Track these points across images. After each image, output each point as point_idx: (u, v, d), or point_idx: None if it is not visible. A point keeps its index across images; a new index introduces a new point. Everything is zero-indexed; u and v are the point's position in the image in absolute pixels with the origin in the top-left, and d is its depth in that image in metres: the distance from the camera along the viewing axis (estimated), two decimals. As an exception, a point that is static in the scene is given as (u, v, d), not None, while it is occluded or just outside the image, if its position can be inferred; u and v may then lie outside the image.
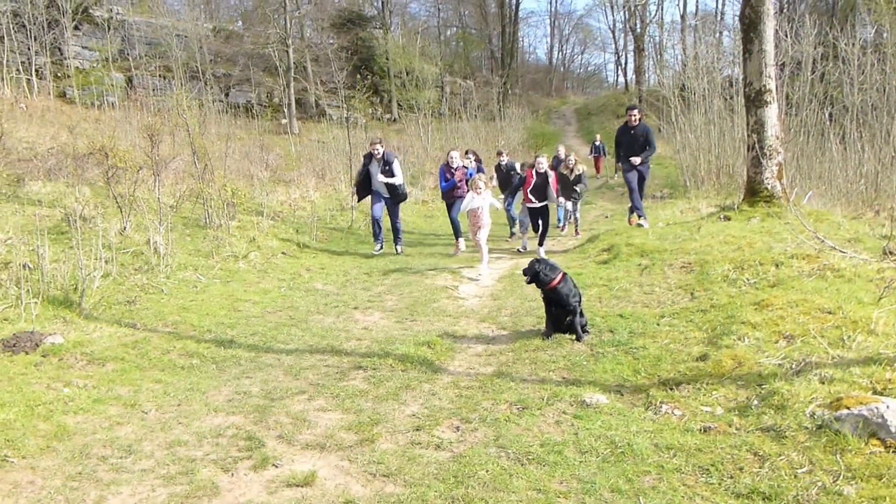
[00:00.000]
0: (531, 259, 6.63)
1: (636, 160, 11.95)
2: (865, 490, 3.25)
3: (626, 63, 53.20)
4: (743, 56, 10.62)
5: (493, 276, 9.82)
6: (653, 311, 6.80)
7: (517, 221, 13.42)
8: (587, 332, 6.32)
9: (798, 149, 16.00)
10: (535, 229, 11.82)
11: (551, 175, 11.51)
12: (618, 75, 55.99)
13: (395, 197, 12.07)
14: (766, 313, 5.64)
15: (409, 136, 31.46)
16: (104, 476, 3.92)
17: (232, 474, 3.92)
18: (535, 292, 8.25)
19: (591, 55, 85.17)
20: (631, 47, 48.42)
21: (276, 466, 4.02)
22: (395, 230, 12.34)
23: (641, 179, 12.25)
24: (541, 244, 11.64)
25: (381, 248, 12.13)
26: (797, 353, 4.82)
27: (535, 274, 6.39)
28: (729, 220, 10.32)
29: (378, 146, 11.80)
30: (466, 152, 14.52)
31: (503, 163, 14.77)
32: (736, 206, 10.93)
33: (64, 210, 10.44)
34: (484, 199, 10.30)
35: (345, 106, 32.24)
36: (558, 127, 44.00)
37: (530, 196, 11.58)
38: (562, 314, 6.31)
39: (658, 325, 6.29)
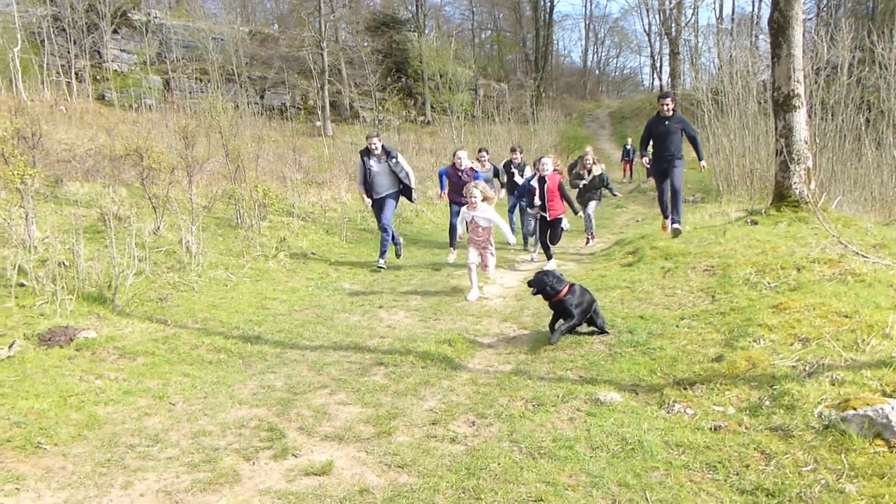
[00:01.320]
0: (538, 270, 6.62)
1: (703, 164, 11.30)
2: (867, 488, 3.30)
3: (661, 66, 52.84)
4: (771, 60, 10.57)
5: (518, 278, 9.90)
6: (673, 312, 6.84)
7: (517, 230, 12.74)
8: (606, 332, 6.39)
9: (833, 154, 15.82)
10: (544, 244, 10.64)
11: (552, 179, 10.31)
12: (653, 79, 55.60)
13: (408, 193, 11.03)
14: (784, 316, 5.67)
15: (442, 139, 31.64)
16: (132, 463, 4.10)
17: (253, 463, 4.08)
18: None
19: (627, 58, 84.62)
20: (666, 51, 48.07)
21: (296, 456, 4.17)
22: (388, 227, 11.06)
23: (677, 173, 10.88)
24: (549, 257, 10.52)
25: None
26: (811, 355, 4.85)
27: (542, 287, 6.41)
28: (756, 224, 10.28)
29: (375, 140, 10.62)
30: (479, 151, 13.32)
31: (516, 161, 13.34)
32: (764, 211, 10.87)
33: (100, 210, 10.77)
34: (480, 213, 8.60)
35: (378, 108, 32.54)
36: (592, 130, 43.88)
37: (538, 205, 10.45)
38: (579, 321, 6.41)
39: (677, 326, 6.33)
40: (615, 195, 14.44)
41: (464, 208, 8.81)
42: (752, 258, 7.87)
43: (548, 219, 10.33)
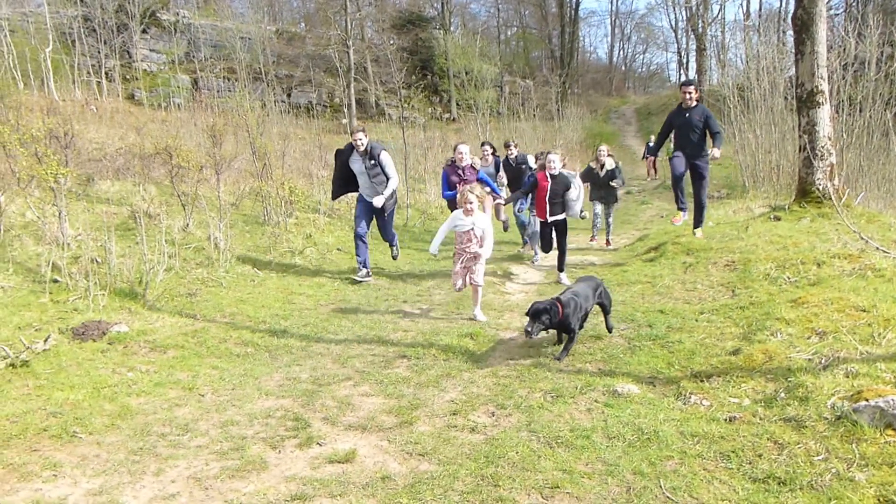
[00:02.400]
0: (533, 302, 5.91)
1: (716, 153, 9.51)
2: (876, 477, 3.37)
3: (687, 62, 52.41)
4: (795, 57, 10.54)
5: (540, 274, 9.98)
6: (693, 307, 6.90)
7: (527, 228, 11.62)
8: (612, 329, 6.43)
9: (860, 149, 15.68)
10: (548, 248, 9.60)
11: (573, 176, 9.39)
12: (680, 74, 55.06)
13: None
14: (802, 310, 5.71)
15: (468, 136, 31.68)
16: (163, 451, 4.27)
17: (279, 451, 4.23)
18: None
19: (653, 54, 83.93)
20: (693, 47, 47.69)
21: (320, 445, 4.32)
22: (390, 238, 10.17)
23: (700, 177, 9.90)
24: (561, 269, 9.38)
25: (369, 275, 9.60)
26: (827, 348, 4.90)
27: (544, 321, 5.73)
28: (779, 220, 10.26)
29: (360, 135, 9.30)
30: (483, 145, 12.31)
31: (512, 156, 12.21)
32: (787, 207, 10.85)
33: (130, 208, 11.02)
34: (477, 222, 7.47)
35: (403, 105, 32.72)
36: (617, 127, 43.68)
37: (545, 205, 9.23)
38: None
39: (696, 320, 6.39)
40: (617, 185, 12.85)
41: (456, 213, 7.50)
42: (773, 253, 7.89)
43: (551, 220, 9.20)
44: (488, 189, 9.65)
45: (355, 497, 3.61)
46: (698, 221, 10.11)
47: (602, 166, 12.59)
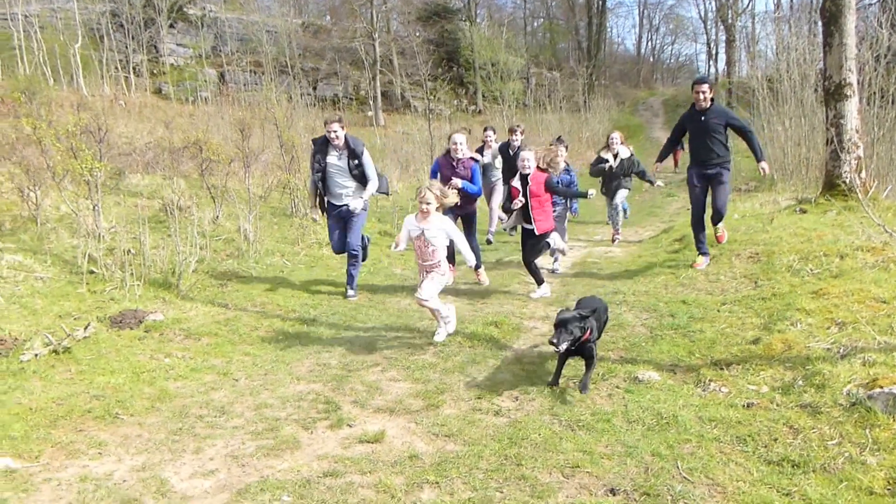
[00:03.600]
0: (560, 310, 5.15)
1: (765, 167, 8.57)
2: (888, 460, 3.49)
3: (717, 54, 51.87)
4: (823, 49, 10.53)
5: (566, 265, 10.08)
6: (715, 298, 6.98)
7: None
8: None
9: (891, 143, 15.54)
10: (528, 266, 8.04)
11: (535, 180, 7.63)
12: (709, 66, 54.42)
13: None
14: (822, 301, 5.80)
15: (494, 128, 31.73)
16: (201, 431, 4.49)
17: (311, 432, 4.43)
18: (603, 280, 8.55)
19: (682, 46, 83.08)
20: (723, 38, 47.21)
21: (350, 426, 4.51)
22: (354, 245, 8.40)
23: (719, 182, 8.39)
24: (539, 282, 8.08)
25: (355, 294, 8.31)
26: (846, 338, 4.99)
27: (573, 333, 4.87)
28: (805, 212, 10.28)
29: (336, 127, 8.01)
30: (485, 130, 11.43)
31: (515, 142, 10.64)
32: (813, 200, 10.85)
33: (161, 201, 11.30)
34: (432, 226, 6.28)
35: (429, 98, 32.81)
36: (645, 119, 43.38)
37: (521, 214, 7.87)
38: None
39: (718, 311, 6.49)
40: (654, 183, 12.06)
41: (409, 218, 6.47)
42: (796, 246, 7.93)
43: (535, 233, 7.71)
44: (456, 189, 7.86)
45: (384, 474, 3.79)
46: (717, 221, 8.71)
47: (616, 156, 11.54)
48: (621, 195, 11.81)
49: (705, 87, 8.18)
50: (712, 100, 8.23)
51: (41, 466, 3.94)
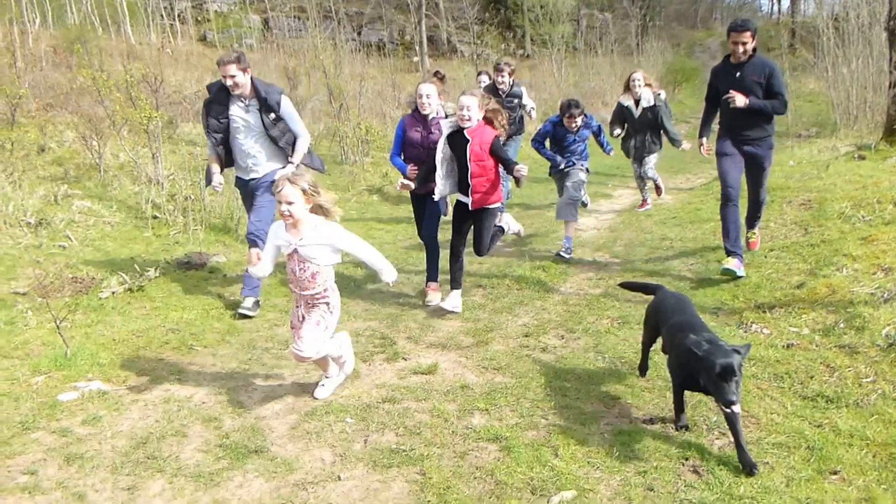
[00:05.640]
0: (708, 350, 3.37)
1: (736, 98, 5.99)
2: (919, 398, 3.64)
3: (780, -9, 49.86)
4: (888, -14, 10.20)
5: (614, 208, 10.16)
6: (764, 244, 7.04)
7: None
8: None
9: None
10: (453, 257, 5.92)
11: (479, 136, 5.50)
12: (772, 4, 52.63)
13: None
14: (870, 247, 5.86)
15: (542, 73, 31.38)
16: (268, 362, 4.87)
17: (369, 364, 4.75)
18: (651, 227, 8.62)
19: (744, -18, 79.75)
20: (786, -26, 45.34)
21: (405, 360, 4.83)
22: (261, 228, 5.75)
23: (759, 168, 6.44)
24: (454, 285, 5.89)
25: (258, 305, 6.00)
26: (891, 283, 5.07)
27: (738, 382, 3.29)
28: (864, 159, 10.15)
29: (232, 69, 5.76)
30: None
31: (501, 84, 8.97)
32: (873, 146, 10.69)
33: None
34: (308, 237, 4.12)
35: (476, 42, 32.51)
36: (701, 61, 42.17)
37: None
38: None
39: (765, 257, 6.57)
40: (679, 144, 9.31)
41: (274, 228, 4.30)
42: (850, 193, 7.92)
43: (469, 207, 5.69)
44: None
45: (437, 401, 4.10)
46: (752, 222, 6.88)
47: (637, 101, 9.18)
48: (651, 163, 9.55)
49: (746, 35, 6.03)
50: (754, 51, 6.16)
51: (128, 389, 4.36)
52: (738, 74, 6.20)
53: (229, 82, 5.78)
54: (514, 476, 3.30)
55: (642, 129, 9.31)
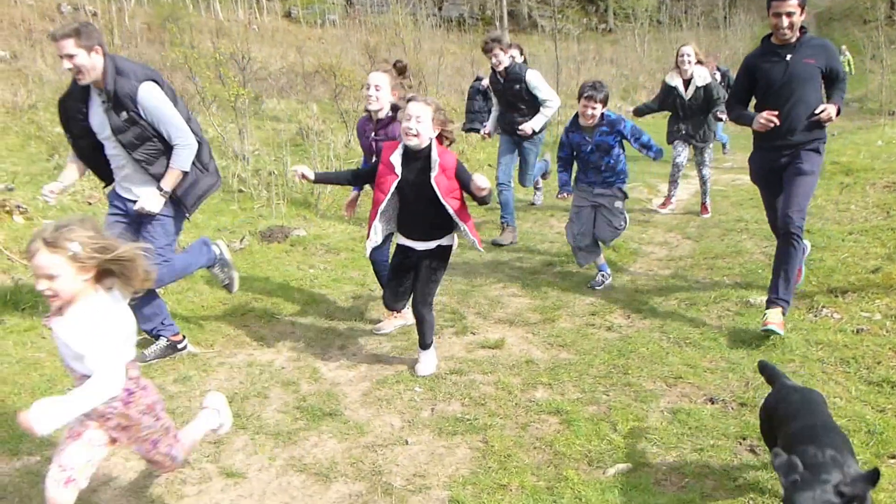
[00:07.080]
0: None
1: (831, 110, 4.47)
2: None
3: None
4: None
5: (689, 191, 10.06)
6: (843, 227, 6.92)
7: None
8: None
9: None
10: (392, 300, 4.55)
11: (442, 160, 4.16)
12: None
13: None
14: (953, 232, 5.71)
15: (624, 48, 30.85)
16: (345, 332, 5.14)
17: (439, 337, 4.94)
18: (727, 208, 8.51)
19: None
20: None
21: (474, 334, 5.02)
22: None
23: (799, 173, 4.71)
24: (393, 308, 4.68)
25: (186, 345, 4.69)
26: (971, 269, 4.96)
27: None
28: (958, 139, 9.76)
29: (70, 46, 3.84)
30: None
31: (500, 67, 7.18)
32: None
33: (299, 125, 12.00)
34: (67, 319, 2.40)
35: (557, 16, 32.14)
36: (792, 34, 40.66)
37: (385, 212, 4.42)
38: None
39: (843, 240, 6.46)
40: (723, 145, 8.62)
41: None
42: (939, 174, 7.68)
43: (415, 248, 4.47)
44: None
45: (503, 374, 4.28)
46: (777, 285, 4.70)
47: (688, 82, 7.75)
48: (710, 155, 8.35)
49: (792, 3, 4.42)
50: (803, 28, 4.63)
51: (216, 353, 4.72)
52: (788, 58, 4.62)
53: (67, 64, 3.92)
54: (572, 447, 3.45)
55: (694, 114, 7.90)
